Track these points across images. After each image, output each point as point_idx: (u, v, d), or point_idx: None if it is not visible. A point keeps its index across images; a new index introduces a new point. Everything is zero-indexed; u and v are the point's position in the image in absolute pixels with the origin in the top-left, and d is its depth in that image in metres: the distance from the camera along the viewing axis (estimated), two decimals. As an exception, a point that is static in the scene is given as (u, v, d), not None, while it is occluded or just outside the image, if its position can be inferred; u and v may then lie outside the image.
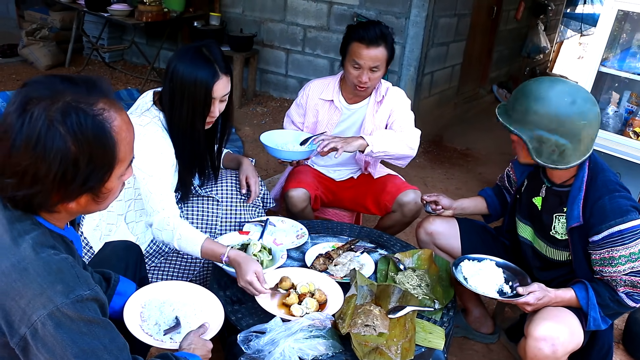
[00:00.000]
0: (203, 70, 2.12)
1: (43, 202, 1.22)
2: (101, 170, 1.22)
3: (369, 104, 2.89)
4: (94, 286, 1.26)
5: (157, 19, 5.64)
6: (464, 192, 4.54)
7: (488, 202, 2.62)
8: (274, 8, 5.89)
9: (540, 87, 2.01)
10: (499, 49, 7.33)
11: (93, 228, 2.34)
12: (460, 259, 2.29)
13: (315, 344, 1.77)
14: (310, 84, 2.99)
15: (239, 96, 5.85)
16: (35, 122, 1.14)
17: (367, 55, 2.65)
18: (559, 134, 1.97)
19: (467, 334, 2.77)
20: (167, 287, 1.87)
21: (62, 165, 1.15)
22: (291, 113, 3.07)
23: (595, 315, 2.03)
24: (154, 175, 2.16)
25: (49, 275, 1.19)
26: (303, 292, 2.03)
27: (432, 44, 5.45)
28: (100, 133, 1.19)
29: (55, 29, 6.64)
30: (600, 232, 1.98)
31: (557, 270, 2.27)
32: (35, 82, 1.20)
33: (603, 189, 2.01)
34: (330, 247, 2.41)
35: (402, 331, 1.91)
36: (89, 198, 1.26)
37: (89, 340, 1.21)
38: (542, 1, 8.00)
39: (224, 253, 2.03)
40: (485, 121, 6.42)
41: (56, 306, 1.17)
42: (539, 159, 2.03)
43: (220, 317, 1.80)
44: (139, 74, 6.51)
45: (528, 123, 2.00)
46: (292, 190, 2.79)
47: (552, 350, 1.99)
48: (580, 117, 1.96)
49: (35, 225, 1.26)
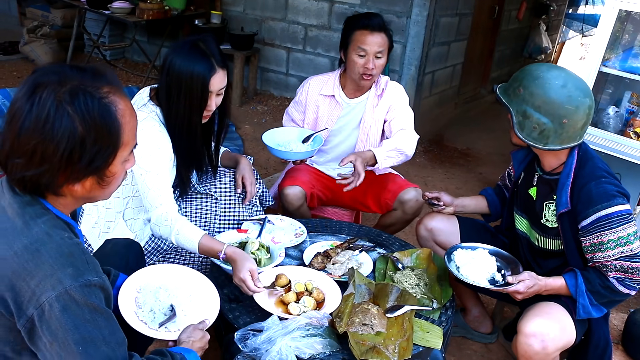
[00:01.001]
0: (199, 64, 2.12)
1: (50, 183, 1.25)
2: (106, 151, 1.26)
3: (369, 97, 2.90)
4: (102, 274, 1.29)
5: (158, 16, 5.64)
6: (464, 191, 4.54)
7: (489, 201, 2.63)
8: (275, 7, 5.89)
9: (539, 68, 2.11)
10: (501, 49, 7.32)
11: (92, 226, 2.34)
12: (453, 247, 2.31)
13: (313, 343, 1.77)
14: (309, 80, 2.99)
15: (239, 95, 5.85)
16: (44, 103, 1.18)
17: (373, 41, 2.70)
18: (542, 113, 2.05)
19: (466, 334, 2.77)
20: (162, 270, 1.87)
21: (69, 144, 1.19)
22: (290, 111, 3.08)
23: (584, 302, 2.06)
24: (152, 171, 2.15)
25: (60, 257, 1.23)
26: (300, 290, 2.03)
27: (433, 44, 5.44)
28: (106, 115, 1.24)
29: (56, 27, 6.65)
30: (587, 217, 2.02)
31: (553, 261, 2.28)
32: (44, 68, 1.25)
33: (590, 175, 2.07)
34: (329, 245, 2.41)
35: (400, 330, 1.90)
36: (93, 181, 1.30)
37: (91, 328, 1.24)
38: (544, 1, 7.99)
39: (221, 250, 2.02)
40: (486, 121, 6.41)
41: (65, 288, 1.21)
42: (520, 133, 2.12)
43: (216, 302, 1.81)
44: (140, 72, 6.51)
45: (517, 97, 2.10)
46: (288, 188, 2.80)
47: (542, 346, 2.00)
48: (567, 101, 2.03)
49: (45, 210, 1.29)
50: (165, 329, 1.67)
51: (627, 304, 3.23)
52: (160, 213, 2.14)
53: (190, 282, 1.86)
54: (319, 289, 2.05)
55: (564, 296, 2.12)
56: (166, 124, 2.22)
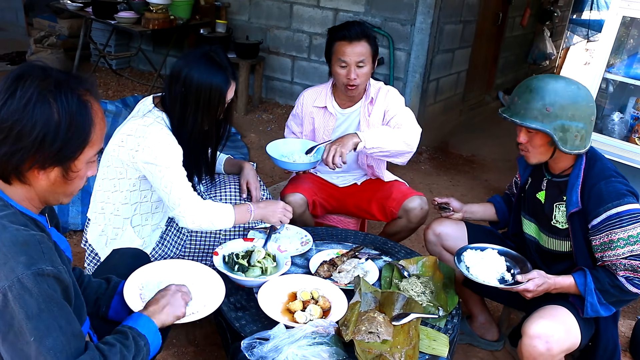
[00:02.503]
0: (217, 76, 2.21)
1: (18, 165, 1.29)
2: (76, 142, 1.33)
3: (361, 107, 2.90)
4: (59, 265, 1.30)
5: (163, 26, 5.67)
6: (469, 198, 4.53)
7: (497, 208, 2.65)
8: (279, 15, 5.92)
9: (548, 82, 2.12)
10: (505, 56, 7.32)
11: (99, 234, 2.36)
12: (463, 248, 2.33)
13: (319, 351, 1.77)
14: (304, 93, 3.02)
15: (244, 103, 5.86)
16: (27, 89, 1.27)
17: (352, 52, 2.69)
18: (577, 119, 2.07)
19: (472, 341, 2.77)
20: (163, 265, 1.89)
21: (44, 127, 1.27)
22: (290, 124, 3.12)
23: (592, 301, 2.06)
24: (170, 166, 2.18)
25: (14, 246, 1.26)
26: (307, 298, 2.03)
27: (438, 51, 5.45)
28: (82, 110, 1.32)
29: (63, 37, 6.69)
30: (598, 216, 2.04)
31: (562, 264, 2.29)
32: (30, 63, 1.34)
33: (600, 175, 2.10)
34: (335, 254, 2.41)
35: (406, 338, 1.90)
36: (58, 173, 1.35)
37: (46, 317, 1.25)
38: (548, 7, 7.99)
39: (251, 209, 2.32)
40: (491, 128, 6.41)
41: (17, 277, 1.23)
42: (564, 147, 2.10)
43: (221, 289, 1.85)
44: (146, 81, 6.54)
45: (549, 116, 2.07)
46: (289, 196, 2.81)
47: (546, 347, 2.01)
48: (588, 100, 2.11)
49: (6, 207, 1.33)
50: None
51: (635, 310, 3.22)
52: (186, 207, 2.19)
53: (192, 273, 1.89)
54: (325, 297, 2.06)
55: (571, 296, 2.13)
56: (175, 131, 2.25)
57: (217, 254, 2.23)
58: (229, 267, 2.17)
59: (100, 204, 2.34)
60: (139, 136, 2.18)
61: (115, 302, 1.72)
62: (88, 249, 2.41)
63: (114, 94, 6.05)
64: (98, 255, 2.36)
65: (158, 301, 1.61)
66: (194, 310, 1.75)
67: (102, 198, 2.33)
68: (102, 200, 2.33)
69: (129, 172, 2.26)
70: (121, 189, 2.30)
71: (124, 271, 1.82)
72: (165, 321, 1.58)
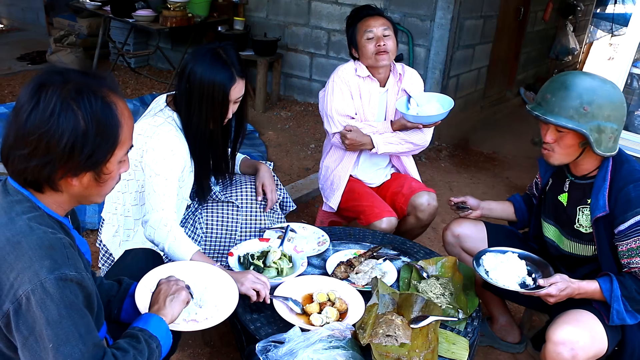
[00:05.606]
0: (220, 73, 2.13)
1: (50, 175, 1.29)
2: (105, 146, 1.32)
3: (389, 88, 2.93)
4: (82, 271, 1.29)
5: (181, 24, 5.68)
6: (490, 196, 4.46)
7: (515, 208, 2.58)
8: (297, 12, 5.88)
9: (583, 79, 2.02)
10: (526, 51, 7.20)
11: (112, 234, 2.34)
12: (482, 251, 2.26)
13: (335, 355, 1.73)
14: (338, 70, 2.92)
15: (263, 100, 5.85)
16: (50, 99, 1.25)
17: (377, 22, 2.80)
18: (612, 120, 1.98)
19: (493, 343, 2.71)
20: (177, 267, 1.87)
21: (72, 137, 1.26)
22: (338, 110, 2.85)
23: (619, 308, 1.99)
24: (161, 175, 2.15)
25: (39, 249, 1.25)
26: (323, 300, 2.00)
27: (458, 47, 5.38)
28: (107, 112, 1.31)
29: (82, 35, 6.76)
30: (625, 221, 1.96)
31: (584, 268, 2.22)
32: (48, 70, 1.32)
33: (628, 178, 2.01)
34: (352, 254, 2.37)
35: (425, 342, 1.86)
36: (91, 178, 1.34)
37: (67, 324, 1.24)
38: (571, 1, 7.85)
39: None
40: (513, 124, 6.31)
41: (40, 281, 1.22)
42: (599, 149, 2.01)
43: (234, 293, 1.82)
44: (164, 79, 6.56)
45: (585, 116, 1.97)
46: (381, 222, 2.73)
47: (571, 354, 1.95)
48: (622, 100, 2.03)
49: (34, 209, 1.32)
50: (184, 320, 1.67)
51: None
52: (160, 217, 2.13)
53: (205, 275, 1.86)
54: (341, 299, 2.02)
55: (596, 302, 2.06)
56: (184, 130, 2.22)
57: (232, 255, 2.21)
58: (244, 268, 2.14)
59: (114, 204, 2.33)
60: (148, 136, 2.17)
61: (127, 304, 1.70)
62: (102, 249, 2.39)
63: (133, 92, 6.08)
64: (112, 255, 2.34)
65: (158, 298, 1.60)
66: (207, 315, 1.72)
67: (115, 198, 2.32)
68: (115, 200, 2.32)
69: (137, 174, 2.24)
70: (130, 190, 2.28)
71: (136, 272, 1.80)
72: (175, 311, 1.58)
